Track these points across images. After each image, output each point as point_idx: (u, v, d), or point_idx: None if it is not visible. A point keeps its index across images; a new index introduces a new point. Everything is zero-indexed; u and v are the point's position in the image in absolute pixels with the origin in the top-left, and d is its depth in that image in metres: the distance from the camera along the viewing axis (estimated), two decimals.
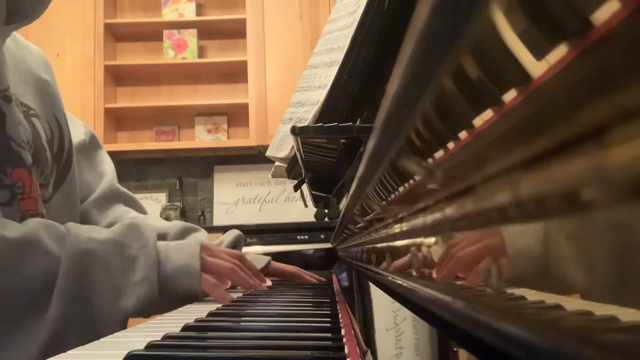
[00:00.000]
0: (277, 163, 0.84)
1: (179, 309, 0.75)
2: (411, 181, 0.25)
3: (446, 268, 0.21)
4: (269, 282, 0.94)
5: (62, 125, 0.90)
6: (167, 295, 0.76)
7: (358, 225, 0.57)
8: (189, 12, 3.02)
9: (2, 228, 0.66)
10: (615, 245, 0.10)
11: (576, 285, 0.12)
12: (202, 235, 1.03)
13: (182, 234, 1.01)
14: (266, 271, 1.02)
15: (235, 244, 1.07)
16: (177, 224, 1.03)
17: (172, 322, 0.60)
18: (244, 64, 2.88)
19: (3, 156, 0.72)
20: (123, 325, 0.71)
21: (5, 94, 0.74)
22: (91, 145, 1.05)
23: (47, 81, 0.90)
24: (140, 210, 1.08)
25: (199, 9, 3.08)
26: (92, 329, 0.68)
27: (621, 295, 0.10)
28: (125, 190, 1.07)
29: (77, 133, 1.00)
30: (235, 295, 0.83)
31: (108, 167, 1.06)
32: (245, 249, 1.10)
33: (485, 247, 0.17)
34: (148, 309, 0.73)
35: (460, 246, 0.20)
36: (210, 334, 0.52)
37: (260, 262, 1.02)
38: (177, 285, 0.77)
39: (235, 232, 1.08)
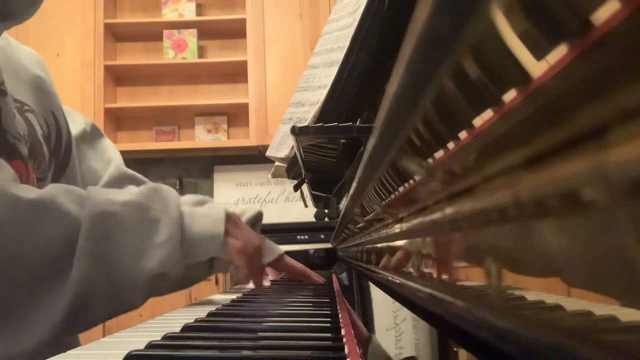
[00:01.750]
0: (277, 163, 0.84)
1: (179, 309, 0.75)
2: (411, 181, 0.25)
3: (446, 268, 0.21)
4: (266, 283, 0.92)
5: (59, 120, 0.90)
6: (190, 258, 0.76)
7: (358, 225, 0.57)
8: (189, 12, 3.02)
9: (20, 190, 0.64)
10: (615, 245, 0.10)
11: (576, 285, 0.12)
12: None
13: (199, 203, 0.96)
14: (276, 265, 1.01)
15: (254, 223, 1.04)
16: (192, 197, 0.93)
17: (172, 322, 0.60)
18: (244, 64, 2.88)
19: None
20: (147, 288, 0.70)
21: (0, 87, 0.75)
22: (93, 134, 1.05)
23: (41, 77, 0.90)
24: None
25: (199, 9, 3.08)
26: (115, 292, 0.68)
27: (621, 295, 0.10)
28: (134, 172, 1.06)
29: (77, 124, 1.00)
30: (235, 296, 0.83)
31: (114, 153, 1.06)
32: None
33: (484, 247, 0.17)
34: (170, 271, 0.72)
35: (459, 246, 0.20)
36: (210, 334, 0.52)
37: (271, 254, 1.00)
38: (201, 249, 0.76)
39: (255, 209, 1.05)
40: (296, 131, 0.51)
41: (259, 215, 1.06)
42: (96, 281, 0.67)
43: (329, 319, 0.56)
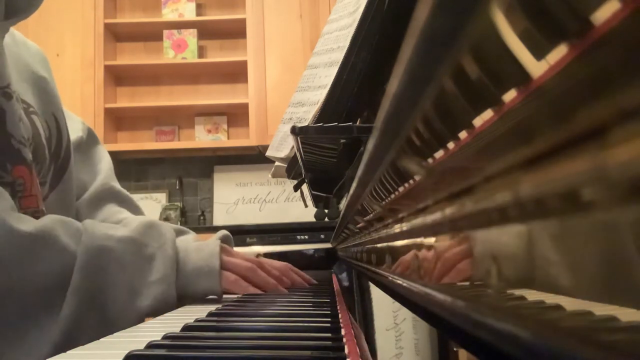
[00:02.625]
0: (277, 163, 0.84)
1: (179, 309, 0.75)
2: (411, 181, 0.25)
3: (446, 268, 0.21)
4: (298, 280, 0.90)
5: (60, 123, 0.90)
6: (185, 295, 0.75)
7: (358, 225, 0.57)
8: (189, 12, 3.02)
9: (17, 222, 0.64)
10: (615, 245, 0.10)
11: (576, 285, 0.12)
12: (189, 238, 0.97)
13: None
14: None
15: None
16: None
17: (172, 322, 0.60)
18: (244, 64, 2.88)
19: (3, 153, 0.72)
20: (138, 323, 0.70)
21: (6, 90, 0.74)
22: (89, 143, 1.02)
23: (45, 79, 0.89)
24: (135, 210, 1.04)
25: (199, 9, 3.08)
26: (106, 329, 0.67)
27: (621, 295, 0.10)
28: (120, 189, 1.02)
29: (75, 130, 0.99)
30: (235, 296, 0.83)
31: (104, 164, 1.03)
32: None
33: (484, 247, 0.17)
34: (164, 309, 0.72)
35: (459, 246, 0.20)
36: (210, 334, 0.51)
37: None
38: (196, 285, 0.76)
39: (222, 232, 0.99)
40: (296, 131, 0.51)
41: (226, 238, 0.97)
42: (86, 318, 0.66)
43: (329, 319, 0.56)
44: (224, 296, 0.81)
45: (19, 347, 0.63)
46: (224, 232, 1.01)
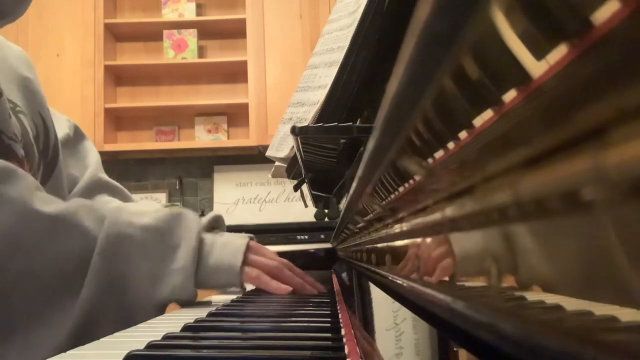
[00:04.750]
0: (277, 163, 0.84)
1: (179, 309, 0.75)
2: (411, 181, 0.25)
3: (446, 268, 0.21)
4: (321, 287, 0.87)
5: (46, 121, 0.90)
6: (205, 287, 0.76)
7: (358, 225, 0.57)
8: (189, 12, 3.02)
9: (41, 203, 0.65)
10: (615, 246, 0.10)
11: (576, 285, 0.12)
12: (192, 218, 0.95)
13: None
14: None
15: (213, 227, 0.93)
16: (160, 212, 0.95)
17: (172, 322, 0.60)
18: (244, 64, 2.88)
19: None
20: (159, 312, 0.70)
21: None
22: (75, 138, 1.03)
23: (29, 79, 0.90)
24: (127, 199, 1.05)
25: (199, 9, 3.08)
26: (126, 314, 0.67)
27: (621, 295, 0.10)
28: (108, 179, 1.03)
29: (61, 127, 1.00)
30: (235, 296, 0.83)
31: (92, 157, 1.03)
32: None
33: (484, 247, 0.17)
34: (184, 298, 0.72)
35: (460, 246, 0.20)
36: (210, 334, 0.51)
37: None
38: (216, 279, 0.76)
39: (212, 214, 0.94)
40: (296, 131, 0.51)
41: (215, 219, 0.94)
42: (105, 302, 0.66)
43: (329, 319, 0.56)
44: (221, 297, 0.81)
45: (40, 327, 0.63)
46: (213, 213, 0.98)
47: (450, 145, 0.18)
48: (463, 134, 0.17)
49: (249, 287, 0.89)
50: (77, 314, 0.64)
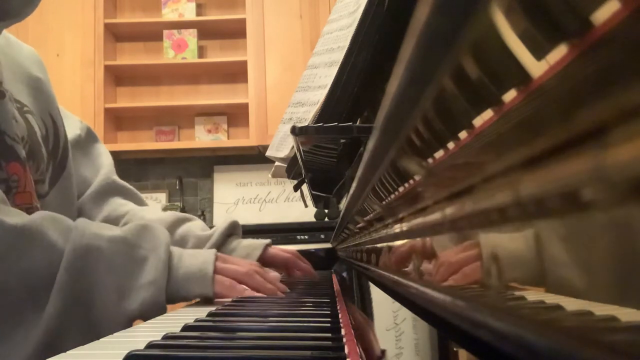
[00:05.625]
0: (277, 163, 0.84)
1: (179, 309, 0.75)
2: (411, 181, 0.25)
3: (446, 268, 0.21)
4: (286, 289, 0.88)
5: (56, 122, 0.90)
6: (175, 300, 0.74)
7: (358, 225, 0.57)
8: (189, 12, 3.02)
9: (6, 215, 0.63)
10: (615, 246, 0.10)
11: (576, 285, 0.12)
12: (196, 224, 1.00)
13: (174, 225, 0.98)
14: (262, 259, 0.99)
15: (231, 232, 1.00)
16: (170, 215, 0.98)
17: (172, 322, 0.60)
18: (244, 64, 2.88)
19: None
20: (126, 327, 0.69)
21: None
22: (87, 140, 1.03)
23: (40, 79, 0.89)
24: (140, 202, 1.05)
25: (199, 9, 3.08)
26: (91, 330, 0.65)
27: (621, 295, 0.10)
28: (122, 182, 1.03)
29: (73, 128, 0.99)
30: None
31: (105, 159, 1.03)
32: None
33: (484, 247, 0.17)
34: (153, 313, 0.70)
35: (459, 246, 0.20)
36: (210, 334, 0.51)
37: (255, 251, 0.98)
38: (188, 290, 0.74)
39: (229, 220, 1.00)
40: (296, 131, 0.51)
41: (233, 225, 1.01)
42: (71, 317, 0.64)
43: (329, 319, 0.56)
44: (217, 300, 0.80)
45: (5, 344, 0.61)
46: (229, 219, 1.01)
47: (450, 145, 0.18)
48: (463, 134, 0.17)
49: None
50: (41, 330, 0.62)
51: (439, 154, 0.19)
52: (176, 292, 0.73)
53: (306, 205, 1.05)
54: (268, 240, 1.03)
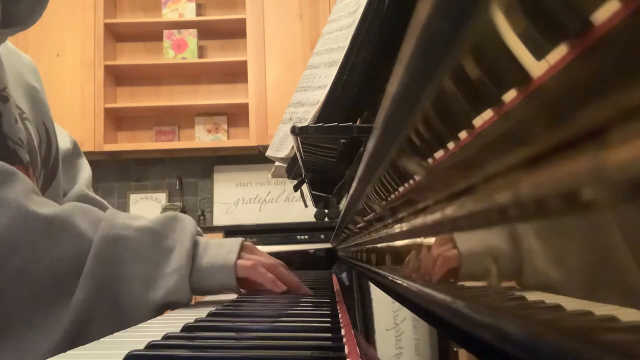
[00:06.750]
0: (277, 163, 0.84)
1: (179, 309, 0.75)
2: (411, 181, 0.25)
3: (446, 268, 0.21)
4: (309, 291, 0.85)
5: (50, 132, 0.91)
6: (201, 288, 0.75)
7: (358, 225, 0.57)
8: (189, 12, 3.02)
9: (37, 205, 0.65)
10: (614, 246, 0.10)
11: (576, 285, 0.12)
12: (187, 220, 0.98)
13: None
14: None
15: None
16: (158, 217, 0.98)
17: (172, 322, 0.60)
18: (244, 64, 2.88)
19: (0, 154, 0.72)
20: (154, 315, 0.69)
21: (2, 93, 0.75)
22: (73, 155, 1.04)
23: (36, 88, 0.90)
24: None
25: (199, 9, 3.08)
26: (118, 317, 0.67)
27: (621, 294, 0.10)
28: (94, 196, 1.04)
29: (64, 141, 1.00)
30: (235, 296, 0.83)
31: (84, 174, 1.04)
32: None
33: (484, 247, 0.17)
34: (178, 302, 0.71)
35: (460, 246, 0.20)
36: (210, 334, 0.51)
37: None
38: (212, 279, 0.75)
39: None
40: (296, 131, 0.51)
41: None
42: (98, 305, 0.66)
43: (329, 319, 0.56)
44: (221, 297, 0.80)
45: (33, 330, 0.63)
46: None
47: (450, 145, 0.18)
48: (463, 134, 0.17)
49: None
50: (70, 316, 0.64)
51: (439, 154, 0.19)
52: (201, 280, 0.74)
53: (306, 205, 1.05)
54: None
